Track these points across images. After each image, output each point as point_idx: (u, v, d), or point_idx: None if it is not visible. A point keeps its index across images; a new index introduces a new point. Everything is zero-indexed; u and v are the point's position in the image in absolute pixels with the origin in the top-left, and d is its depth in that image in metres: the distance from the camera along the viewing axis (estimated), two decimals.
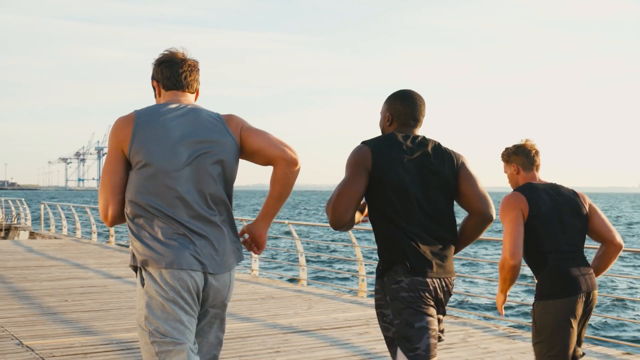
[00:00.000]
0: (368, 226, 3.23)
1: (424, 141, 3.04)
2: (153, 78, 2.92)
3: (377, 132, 3.22)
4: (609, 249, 3.70)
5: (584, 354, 3.67)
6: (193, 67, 2.89)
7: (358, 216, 3.09)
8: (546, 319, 3.50)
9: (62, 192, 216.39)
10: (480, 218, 3.02)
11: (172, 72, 2.85)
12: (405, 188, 2.92)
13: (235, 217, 2.93)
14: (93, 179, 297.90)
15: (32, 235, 21.35)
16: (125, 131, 2.71)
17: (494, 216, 3.06)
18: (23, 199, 24.63)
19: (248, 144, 2.80)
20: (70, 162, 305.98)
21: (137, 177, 2.67)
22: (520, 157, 3.73)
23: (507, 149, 3.80)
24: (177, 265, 2.60)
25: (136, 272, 2.70)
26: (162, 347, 2.60)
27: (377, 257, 3.02)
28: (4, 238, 22.92)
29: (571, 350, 3.52)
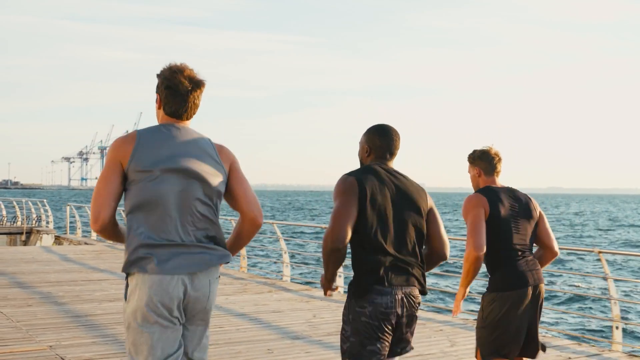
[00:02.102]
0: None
1: (400, 176, 3.33)
2: (157, 91, 3.00)
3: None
4: (546, 254, 4.08)
5: (544, 347, 3.99)
6: (196, 98, 2.97)
7: (331, 290, 3.25)
8: (493, 307, 3.83)
9: (65, 191, 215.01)
10: (437, 258, 3.36)
11: (175, 103, 2.94)
12: (386, 217, 3.18)
13: (225, 217, 4.49)
14: (96, 178, 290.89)
15: (57, 239, 19.94)
16: (126, 147, 2.83)
17: (448, 257, 3.39)
18: (45, 201, 23.19)
19: (229, 185, 2.99)
20: (73, 162, 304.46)
21: (132, 193, 2.83)
22: (483, 162, 4.07)
23: (474, 152, 4.13)
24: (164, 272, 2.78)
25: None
26: None
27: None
28: (25, 242, 21.52)
29: (514, 339, 3.81)
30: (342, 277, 10.39)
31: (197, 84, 2.95)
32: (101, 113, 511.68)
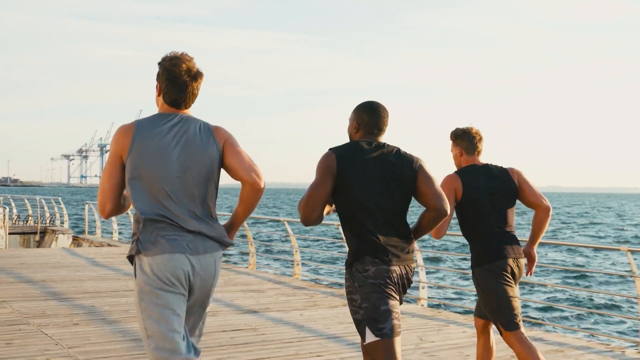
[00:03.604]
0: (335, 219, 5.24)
1: (386, 147, 3.38)
2: (158, 79, 3.10)
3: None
4: (539, 212, 4.17)
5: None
6: (195, 88, 3.08)
7: (327, 208, 3.40)
8: (486, 279, 4.01)
9: (65, 189, 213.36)
10: (436, 213, 3.35)
11: (175, 93, 3.05)
12: (366, 189, 3.28)
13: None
14: (95, 175, 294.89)
15: (75, 240, 18.58)
16: (125, 139, 2.99)
17: (449, 211, 3.40)
18: (60, 199, 21.82)
19: (225, 159, 3.09)
20: (73, 159, 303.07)
21: (131, 181, 3.00)
22: (465, 141, 4.20)
23: (455, 130, 4.25)
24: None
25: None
26: None
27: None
28: (39, 243, 20.16)
29: (516, 303, 4.00)
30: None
31: (196, 75, 3.05)
32: (101, 111, 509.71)
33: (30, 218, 22.29)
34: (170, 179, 2.96)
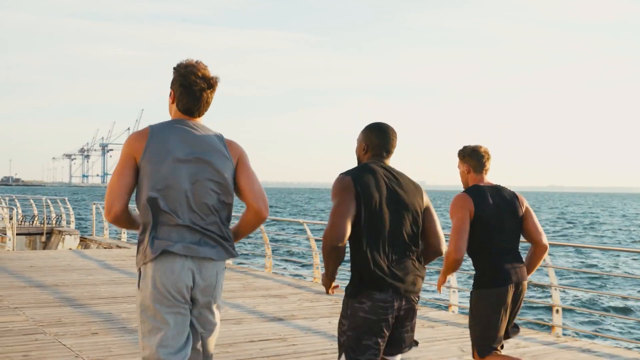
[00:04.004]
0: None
1: (396, 173, 3.36)
2: (172, 86, 3.07)
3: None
4: (536, 249, 4.19)
5: (517, 327, 4.20)
6: (209, 96, 3.06)
7: (332, 286, 3.32)
8: (481, 305, 4.02)
9: (66, 188, 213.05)
10: (432, 254, 3.40)
11: (189, 101, 3.02)
12: (382, 215, 3.21)
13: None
14: (97, 175, 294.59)
15: (82, 241, 18.21)
16: (139, 143, 2.94)
17: (443, 253, 3.46)
18: (66, 198, 21.44)
19: (236, 178, 3.07)
20: (75, 159, 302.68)
21: (143, 186, 2.93)
22: (473, 160, 4.20)
23: (464, 148, 4.26)
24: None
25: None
26: None
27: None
28: (45, 244, 19.79)
29: (501, 333, 4.04)
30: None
31: (211, 84, 3.02)
32: (102, 110, 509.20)
33: (36, 218, 21.93)
34: (181, 187, 2.94)
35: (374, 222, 3.19)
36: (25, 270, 10.73)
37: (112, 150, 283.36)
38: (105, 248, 16.04)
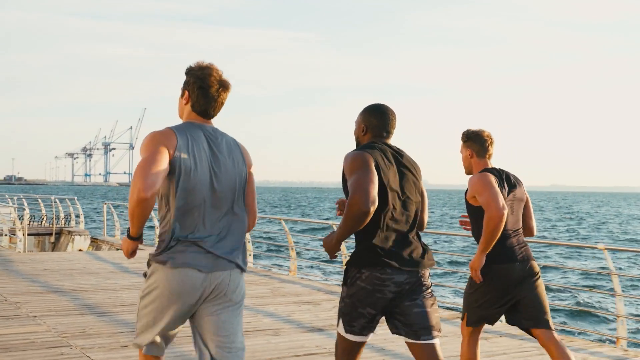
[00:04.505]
0: None
1: (401, 151, 3.42)
2: (185, 87, 3.08)
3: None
4: (526, 233, 4.28)
5: (546, 324, 4.07)
6: (224, 98, 3.11)
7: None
8: (484, 277, 4.04)
9: (68, 187, 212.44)
10: (420, 227, 3.45)
11: (206, 102, 3.05)
12: (393, 191, 3.26)
13: None
14: (100, 174, 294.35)
15: (93, 242, 17.69)
16: (171, 139, 2.91)
17: (425, 228, 3.51)
18: (75, 198, 20.94)
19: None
20: (77, 158, 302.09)
21: (174, 187, 2.92)
22: (476, 144, 4.17)
23: (467, 131, 4.21)
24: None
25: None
26: None
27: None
28: (54, 244, 19.30)
29: (497, 310, 4.09)
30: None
31: (227, 86, 3.09)
32: (105, 109, 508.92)
33: (44, 218, 21.44)
34: (205, 191, 2.95)
35: (386, 198, 3.22)
36: (39, 274, 10.23)
37: (114, 149, 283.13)
38: (118, 249, 15.53)
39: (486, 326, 4.47)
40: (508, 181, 4.14)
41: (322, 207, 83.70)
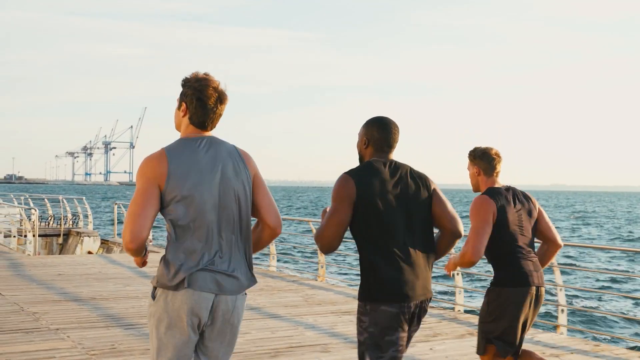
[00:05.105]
0: None
1: (400, 167, 3.29)
2: (183, 99, 3.03)
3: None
4: (551, 247, 4.22)
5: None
6: (222, 110, 3.05)
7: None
8: (501, 301, 3.95)
9: (68, 186, 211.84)
10: (451, 237, 3.29)
11: (203, 114, 3.00)
12: (387, 215, 3.16)
13: None
14: (100, 173, 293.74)
15: (104, 243, 17.08)
16: (161, 167, 2.87)
17: (462, 233, 3.32)
18: (83, 198, 20.33)
19: (253, 195, 3.04)
20: (77, 157, 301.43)
21: (175, 208, 2.86)
22: (483, 162, 4.15)
23: (475, 150, 4.20)
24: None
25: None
26: None
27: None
28: (62, 246, 18.69)
29: (517, 336, 3.97)
30: (324, 267, 9.60)
31: (224, 98, 3.03)
32: (105, 108, 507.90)
33: (50, 219, 20.84)
34: (209, 208, 2.90)
35: (379, 228, 3.16)
36: (54, 280, 9.63)
37: (114, 148, 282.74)
38: None
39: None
40: (516, 199, 4.08)
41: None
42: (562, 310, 7.28)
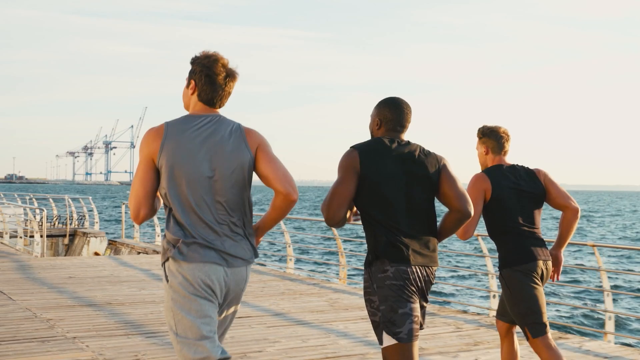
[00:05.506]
0: (359, 221, 3.47)
1: (409, 145, 3.31)
2: (191, 77, 3.04)
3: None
4: (567, 213, 4.09)
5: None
6: (231, 87, 3.06)
7: (348, 213, 3.30)
8: (515, 282, 3.90)
9: (69, 186, 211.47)
10: (459, 215, 3.27)
11: (212, 91, 3.01)
12: (390, 187, 3.19)
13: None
14: (101, 173, 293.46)
15: (111, 244, 16.67)
16: (155, 143, 2.93)
17: (472, 213, 3.29)
18: (90, 198, 19.93)
19: (258, 166, 3.03)
20: (78, 156, 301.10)
21: (166, 182, 2.90)
22: (491, 140, 4.13)
23: (483, 127, 4.19)
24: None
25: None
26: None
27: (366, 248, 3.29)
28: (68, 247, 18.29)
29: (543, 305, 3.91)
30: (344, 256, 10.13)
31: (233, 75, 3.04)
32: (106, 107, 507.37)
33: (55, 219, 20.45)
34: (200, 183, 2.91)
35: (385, 196, 3.17)
36: (66, 283, 9.23)
37: (115, 148, 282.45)
38: (140, 253, 14.53)
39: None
40: (517, 178, 4.04)
41: None
42: (610, 317, 6.89)
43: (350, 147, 3.25)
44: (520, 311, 3.92)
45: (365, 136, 3.50)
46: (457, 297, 16.67)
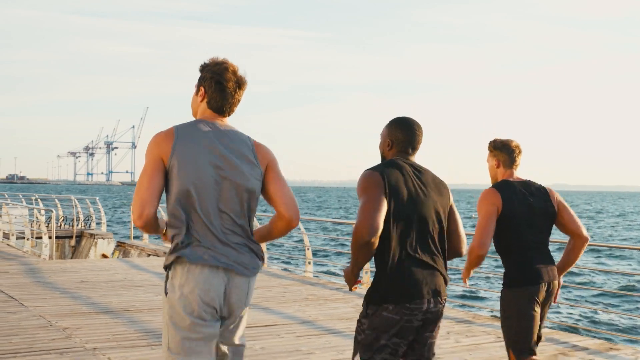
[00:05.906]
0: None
1: (424, 171, 3.25)
2: (201, 84, 3.00)
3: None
4: (577, 242, 4.01)
5: (540, 337, 3.91)
6: (240, 95, 3.01)
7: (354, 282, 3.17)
8: (513, 304, 3.83)
9: (70, 186, 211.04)
10: (452, 253, 3.25)
11: (222, 99, 2.96)
12: (409, 214, 3.08)
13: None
14: (102, 173, 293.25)
15: (120, 246, 16.27)
16: (166, 144, 2.85)
17: (463, 254, 3.32)
18: (97, 199, 19.54)
19: (266, 184, 2.98)
20: (79, 157, 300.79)
21: (174, 186, 2.84)
22: (503, 154, 4.04)
23: (495, 141, 4.10)
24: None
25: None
26: None
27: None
28: (75, 248, 17.91)
29: (535, 332, 3.84)
30: (369, 273, 9.61)
31: (243, 83, 2.99)
32: (107, 108, 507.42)
33: (61, 220, 20.06)
34: (208, 191, 2.85)
35: (403, 221, 3.08)
36: (78, 288, 8.82)
37: (116, 148, 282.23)
38: (150, 255, 14.14)
39: None
40: (528, 193, 3.94)
41: (348, 204, 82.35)
42: None
43: (368, 170, 3.16)
44: (509, 334, 3.88)
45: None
46: (487, 302, 16.17)
